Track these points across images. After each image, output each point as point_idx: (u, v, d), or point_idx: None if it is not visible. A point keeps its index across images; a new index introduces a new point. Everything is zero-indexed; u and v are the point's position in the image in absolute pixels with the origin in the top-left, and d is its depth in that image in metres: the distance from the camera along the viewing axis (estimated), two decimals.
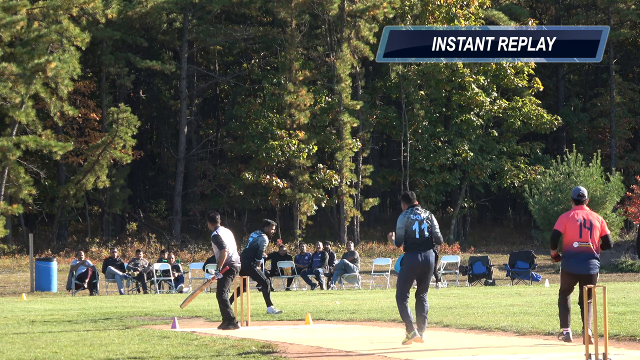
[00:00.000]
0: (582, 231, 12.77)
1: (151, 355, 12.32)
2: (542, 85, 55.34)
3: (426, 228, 13.36)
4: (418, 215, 13.43)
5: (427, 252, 13.35)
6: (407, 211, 13.54)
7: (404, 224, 13.40)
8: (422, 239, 13.33)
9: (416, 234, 13.34)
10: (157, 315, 20.23)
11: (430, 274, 13.47)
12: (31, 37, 42.85)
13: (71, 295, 33.09)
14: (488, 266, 35.18)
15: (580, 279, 12.77)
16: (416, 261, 13.34)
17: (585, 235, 12.76)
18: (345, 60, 49.43)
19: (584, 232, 12.77)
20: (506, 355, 11.86)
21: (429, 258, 13.35)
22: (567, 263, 12.82)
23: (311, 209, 49.24)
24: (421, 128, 52.52)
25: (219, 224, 16.95)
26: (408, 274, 13.45)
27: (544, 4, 63.19)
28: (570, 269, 12.77)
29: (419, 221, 13.39)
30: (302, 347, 13.27)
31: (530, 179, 51.59)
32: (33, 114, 43.45)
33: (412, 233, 13.35)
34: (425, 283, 13.46)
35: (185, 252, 46.66)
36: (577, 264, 12.74)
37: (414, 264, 13.35)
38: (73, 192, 47.48)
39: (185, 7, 51.13)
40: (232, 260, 16.87)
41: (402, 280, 13.50)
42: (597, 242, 12.79)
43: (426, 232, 13.35)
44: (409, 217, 13.42)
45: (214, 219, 16.95)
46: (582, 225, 12.79)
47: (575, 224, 12.78)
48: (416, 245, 13.34)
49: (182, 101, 52.45)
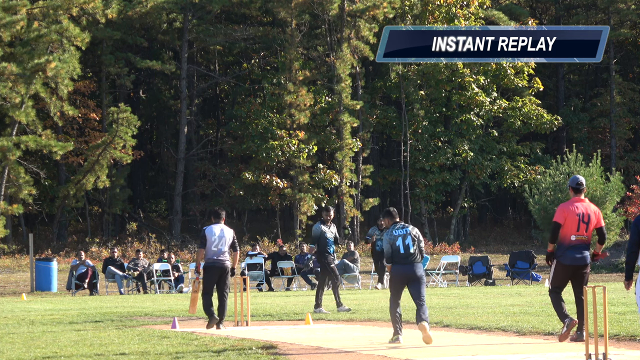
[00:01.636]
0: (580, 225, 12.87)
1: (151, 355, 12.32)
2: (542, 85, 55.34)
3: (410, 242, 13.77)
4: (402, 230, 13.86)
5: (412, 265, 13.75)
6: (391, 227, 14.01)
7: (388, 240, 13.88)
8: (407, 253, 13.74)
9: (401, 249, 13.76)
10: (157, 315, 20.23)
11: (420, 285, 13.77)
12: (31, 37, 42.83)
13: (71, 295, 33.09)
14: (488, 266, 35.18)
15: (576, 270, 12.85)
16: (402, 273, 13.75)
17: (582, 229, 12.90)
18: (345, 60, 49.42)
19: (581, 226, 12.88)
20: (506, 355, 11.86)
21: (415, 269, 13.73)
22: (564, 255, 12.85)
23: (311, 209, 49.23)
24: (421, 128, 52.51)
25: (215, 220, 17.01)
26: (396, 285, 13.92)
27: (544, 4, 63.19)
28: (567, 261, 12.83)
29: (402, 236, 13.82)
30: (302, 347, 13.27)
31: (530, 179, 51.58)
32: (33, 114, 43.44)
33: (397, 248, 13.77)
34: (418, 291, 13.72)
35: (185, 252, 46.65)
36: (573, 256, 12.85)
37: (401, 276, 13.77)
38: (73, 192, 47.47)
39: (185, 7, 51.12)
40: (212, 259, 16.90)
41: (392, 292, 13.96)
42: (590, 234, 12.97)
43: (411, 246, 13.76)
44: (392, 234, 13.89)
45: (215, 215, 17.04)
46: (580, 220, 12.86)
47: (574, 217, 12.85)
48: (402, 260, 13.75)
49: (182, 101, 52.44)
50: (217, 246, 16.89)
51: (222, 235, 16.92)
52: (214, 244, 16.83)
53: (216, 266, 16.86)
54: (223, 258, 16.93)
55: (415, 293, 13.71)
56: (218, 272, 16.89)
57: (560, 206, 13.06)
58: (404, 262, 13.74)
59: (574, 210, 12.87)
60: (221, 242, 16.91)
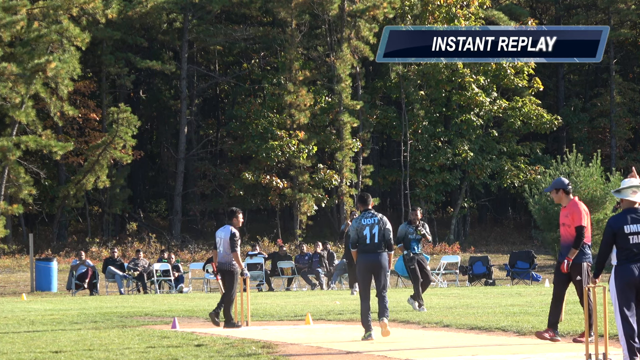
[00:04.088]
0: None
1: (151, 355, 12.32)
2: (542, 85, 55.32)
3: (377, 233, 14.02)
4: (370, 220, 14.09)
5: (375, 255, 14.06)
6: (361, 215, 14.24)
7: (356, 228, 14.13)
8: (372, 243, 14.03)
9: (367, 238, 14.04)
10: (157, 315, 20.23)
11: (384, 274, 14.09)
12: (31, 37, 42.82)
13: (71, 295, 33.11)
14: (488, 266, 35.20)
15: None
16: (366, 263, 14.07)
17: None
18: (345, 60, 49.41)
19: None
20: (506, 355, 11.86)
21: (378, 259, 14.05)
22: (588, 255, 13.08)
23: (311, 209, 49.23)
24: (421, 128, 52.51)
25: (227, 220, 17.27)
26: (361, 275, 14.22)
27: (544, 4, 63.18)
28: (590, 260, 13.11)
29: (369, 226, 14.07)
30: (302, 347, 13.27)
31: (530, 179, 51.58)
32: (33, 114, 43.44)
33: (364, 238, 14.07)
34: (380, 281, 14.10)
35: (185, 252, 46.66)
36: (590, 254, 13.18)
37: (366, 265, 14.08)
38: (73, 192, 47.47)
39: (185, 7, 51.12)
40: (218, 261, 17.15)
41: (360, 283, 14.28)
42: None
43: (377, 237, 14.04)
44: (360, 222, 14.12)
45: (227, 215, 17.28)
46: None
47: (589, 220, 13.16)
48: (366, 249, 14.07)
49: (182, 101, 52.44)
50: (218, 247, 17.09)
51: (220, 236, 17.06)
52: (218, 246, 17.09)
53: (219, 268, 17.09)
54: (223, 260, 17.05)
55: (378, 284, 14.11)
56: (222, 273, 17.08)
57: (580, 211, 13.10)
58: (368, 252, 14.06)
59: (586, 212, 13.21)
60: (220, 244, 17.05)
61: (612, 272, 10.64)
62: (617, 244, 10.60)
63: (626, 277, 10.50)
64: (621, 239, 10.57)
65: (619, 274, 10.54)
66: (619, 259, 10.56)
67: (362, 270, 14.13)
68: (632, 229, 10.59)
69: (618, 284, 10.52)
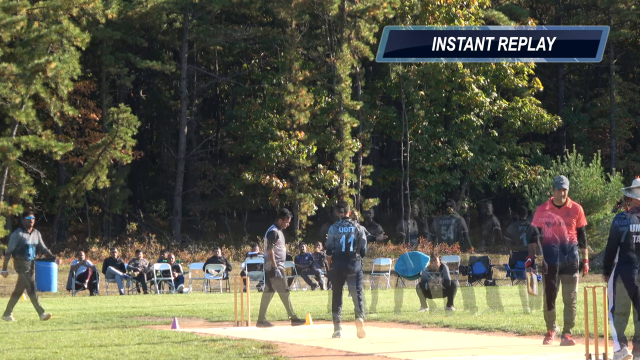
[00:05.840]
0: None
1: (151, 356, 12.32)
2: (542, 85, 55.31)
3: (352, 242, 14.50)
4: (346, 229, 14.58)
5: (349, 262, 14.56)
6: (338, 223, 14.75)
7: (332, 235, 14.65)
8: (347, 252, 14.54)
9: (342, 247, 14.54)
10: (157, 315, 20.24)
11: (357, 278, 14.59)
12: (31, 37, 42.82)
13: (71, 295, 33.11)
14: (488, 266, 35.19)
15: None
16: (340, 268, 14.59)
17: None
18: (345, 60, 49.40)
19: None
20: (506, 356, 11.86)
21: (352, 266, 14.57)
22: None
23: (311, 209, 49.22)
24: (421, 128, 52.51)
25: (275, 219, 18.02)
26: (335, 280, 14.89)
27: (544, 4, 63.17)
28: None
29: (346, 234, 14.56)
30: (302, 347, 13.27)
31: (531, 179, 51.58)
32: (33, 114, 43.43)
33: (339, 246, 14.55)
34: (353, 285, 14.61)
35: (186, 253, 46.63)
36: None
37: (338, 270, 14.62)
38: (73, 192, 47.46)
39: (185, 7, 51.11)
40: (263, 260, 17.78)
41: (333, 286, 14.96)
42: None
43: (352, 246, 14.52)
44: (337, 230, 14.63)
45: (281, 215, 18.00)
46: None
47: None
48: (340, 257, 14.58)
49: (182, 101, 52.43)
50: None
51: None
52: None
53: (264, 267, 17.74)
54: (264, 260, 17.57)
55: (352, 287, 14.62)
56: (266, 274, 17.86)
57: (582, 211, 13.21)
58: (342, 259, 14.56)
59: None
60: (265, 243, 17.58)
61: (613, 271, 10.65)
62: (620, 243, 10.61)
63: (627, 276, 10.50)
64: (626, 238, 10.58)
65: (620, 273, 10.53)
66: (621, 257, 10.56)
67: (335, 274, 14.73)
68: (637, 228, 10.60)
69: (618, 283, 10.52)
